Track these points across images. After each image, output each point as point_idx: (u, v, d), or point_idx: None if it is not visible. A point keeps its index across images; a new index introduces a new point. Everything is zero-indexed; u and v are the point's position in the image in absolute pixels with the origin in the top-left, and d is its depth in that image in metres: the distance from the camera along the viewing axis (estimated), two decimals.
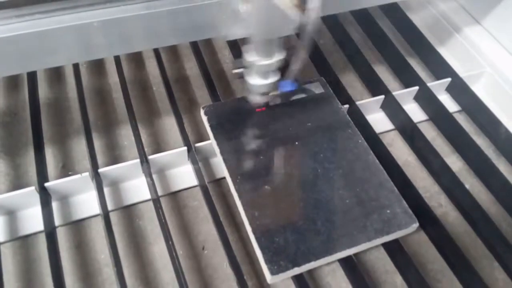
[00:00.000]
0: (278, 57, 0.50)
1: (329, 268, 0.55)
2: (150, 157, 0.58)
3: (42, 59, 0.44)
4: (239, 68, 0.53)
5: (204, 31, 0.48)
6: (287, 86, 0.53)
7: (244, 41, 0.49)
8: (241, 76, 0.54)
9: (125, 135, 0.66)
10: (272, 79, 0.53)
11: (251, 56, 0.50)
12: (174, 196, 0.60)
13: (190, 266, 0.54)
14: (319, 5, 0.41)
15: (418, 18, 0.81)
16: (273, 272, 0.46)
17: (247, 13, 0.43)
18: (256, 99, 0.56)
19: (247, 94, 0.57)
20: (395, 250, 0.53)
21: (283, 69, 0.52)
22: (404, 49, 0.78)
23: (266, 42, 0.48)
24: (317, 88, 0.63)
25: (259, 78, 0.53)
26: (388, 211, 0.52)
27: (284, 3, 0.41)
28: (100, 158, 0.61)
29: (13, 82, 0.72)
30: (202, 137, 0.66)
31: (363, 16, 0.80)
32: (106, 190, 0.57)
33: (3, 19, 0.41)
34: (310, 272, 0.54)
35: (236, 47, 0.74)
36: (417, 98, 0.70)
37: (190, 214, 0.58)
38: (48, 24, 0.41)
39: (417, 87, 0.68)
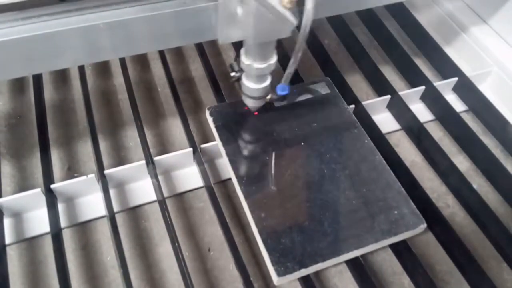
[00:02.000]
0: (273, 60, 0.49)
1: (336, 269, 0.54)
2: (155, 158, 0.57)
3: (48, 61, 0.44)
4: (235, 71, 0.53)
5: (208, 33, 0.48)
6: (283, 89, 0.52)
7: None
8: (238, 79, 0.54)
9: (130, 136, 0.66)
10: (268, 82, 0.53)
11: (246, 59, 0.49)
12: (180, 197, 0.60)
13: (196, 267, 0.54)
14: (313, 7, 0.41)
15: (424, 18, 0.80)
16: (279, 274, 0.46)
17: (244, 15, 0.42)
18: (251, 103, 0.56)
19: (243, 98, 0.56)
20: (402, 251, 0.53)
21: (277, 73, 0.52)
22: (410, 48, 0.78)
23: (262, 45, 0.47)
24: (323, 89, 0.63)
25: (254, 81, 0.52)
26: (396, 211, 0.51)
27: (281, 4, 0.40)
28: (105, 160, 0.61)
29: (18, 84, 0.72)
30: (207, 138, 0.66)
31: (368, 16, 0.80)
32: (111, 192, 0.57)
33: (10, 22, 0.41)
34: (317, 273, 0.54)
35: (241, 48, 0.73)
36: (424, 98, 0.69)
37: (196, 215, 0.58)
38: (55, 26, 0.41)
39: (423, 87, 0.68)
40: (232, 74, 0.53)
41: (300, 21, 0.43)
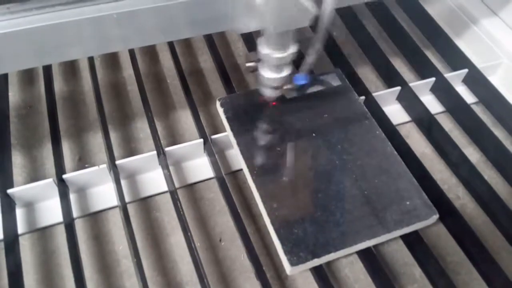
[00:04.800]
0: (292, 50, 0.49)
1: (347, 260, 0.54)
2: (167, 149, 0.58)
3: (60, 52, 0.44)
4: (252, 61, 0.53)
5: (219, 23, 0.47)
6: (301, 79, 0.52)
7: (258, 33, 0.48)
8: (254, 70, 0.53)
9: (141, 127, 0.66)
10: (286, 72, 0.52)
11: (265, 49, 0.49)
12: (190, 188, 0.60)
13: (208, 257, 0.54)
14: None
15: (434, 9, 0.80)
16: (293, 263, 0.46)
17: (263, 5, 0.42)
18: (269, 93, 0.56)
19: (259, 88, 0.56)
20: (413, 242, 0.53)
21: (296, 62, 0.52)
22: (420, 40, 0.78)
23: (281, 34, 0.47)
24: (333, 80, 0.63)
25: (272, 71, 0.52)
26: (408, 202, 0.51)
27: None
28: (115, 151, 0.61)
29: (27, 75, 0.72)
30: (217, 130, 0.66)
31: (378, 8, 0.79)
32: (122, 182, 0.57)
33: (23, 11, 0.41)
34: (328, 264, 0.54)
35: (249, 39, 0.74)
36: (434, 89, 0.69)
37: (207, 206, 0.58)
38: (68, 16, 0.41)
39: (433, 79, 0.68)
40: (248, 64, 0.53)
41: (319, 11, 0.42)
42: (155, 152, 0.57)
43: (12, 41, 0.41)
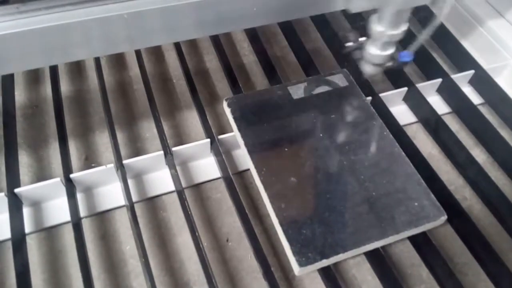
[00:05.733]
0: (404, 27, 0.50)
1: (354, 260, 0.54)
2: (174, 149, 0.57)
3: (67, 52, 0.44)
4: (352, 41, 0.54)
5: (227, 24, 0.47)
6: (407, 56, 0.53)
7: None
8: (354, 49, 0.55)
9: (147, 127, 0.66)
10: (391, 50, 0.54)
11: (380, 26, 0.50)
12: (197, 188, 0.60)
13: (215, 257, 0.54)
14: None
15: (440, 10, 0.80)
16: (301, 264, 0.46)
17: None
18: (371, 69, 0.57)
19: (361, 64, 0.57)
20: (420, 242, 0.53)
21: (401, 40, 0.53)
22: (426, 41, 0.77)
23: (399, 12, 0.48)
24: (340, 80, 0.63)
25: (380, 48, 0.53)
26: (416, 203, 0.51)
27: None
28: (122, 150, 0.61)
29: (33, 74, 0.72)
30: (223, 130, 0.66)
31: None
32: (129, 182, 0.57)
33: (33, 11, 0.41)
34: (335, 264, 0.54)
35: (255, 39, 0.73)
36: (440, 90, 0.69)
37: (214, 206, 0.58)
38: (78, 16, 0.41)
39: (440, 79, 0.68)
40: (348, 44, 0.54)
41: None
42: (162, 152, 0.57)
43: (21, 41, 0.41)
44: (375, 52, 0.53)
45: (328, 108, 0.60)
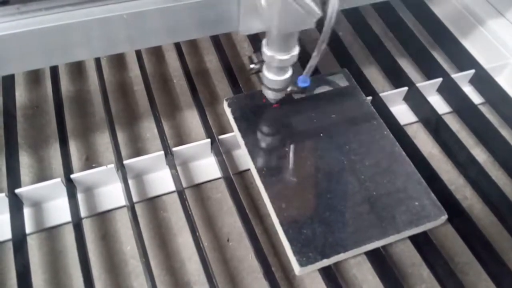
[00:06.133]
0: (295, 52, 0.48)
1: (355, 260, 0.54)
2: (174, 149, 0.57)
3: (68, 52, 0.44)
4: (255, 63, 0.52)
5: (226, 25, 0.47)
6: (304, 81, 0.51)
7: (264, 34, 0.48)
8: (257, 71, 0.53)
9: (147, 127, 0.66)
10: (289, 74, 0.52)
11: (269, 51, 0.48)
12: (197, 188, 0.60)
13: (215, 257, 0.54)
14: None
15: (440, 10, 0.80)
16: (302, 264, 0.46)
17: (268, 6, 0.42)
18: (271, 94, 0.55)
19: (262, 89, 0.56)
20: (421, 242, 0.53)
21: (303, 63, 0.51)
22: (426, 41, 0.78)
23: (285, 36, 0.46)
24: (341, 80, 0.63)
25: (275, 73, 0.52)
26: (417, 203, 0.51)
27: None
28: (122, 150, 0.61)
29: (33, 75, 0.72)
30: (223, 130, 0.66)
31: (384, 8, 0.79)
32: (130, 182, 0.57)
33: (33, 12, 0.41)
34: (336, 264, 0.54)
35: (256, 40, 0.73)
36: (441, 90, 0.69)
37: (214, 206, 0.58)
38: (78, 16, 0.41)
39: (440, 79, 0.68)
40: (252, 66, 0.53)
41: (324, 12, 0.42)
42: (162, 152, 0.57)
43: (21, 41, 0.41)
44: (272, 77, 0.52)
45: (329, 108, 0.60)
